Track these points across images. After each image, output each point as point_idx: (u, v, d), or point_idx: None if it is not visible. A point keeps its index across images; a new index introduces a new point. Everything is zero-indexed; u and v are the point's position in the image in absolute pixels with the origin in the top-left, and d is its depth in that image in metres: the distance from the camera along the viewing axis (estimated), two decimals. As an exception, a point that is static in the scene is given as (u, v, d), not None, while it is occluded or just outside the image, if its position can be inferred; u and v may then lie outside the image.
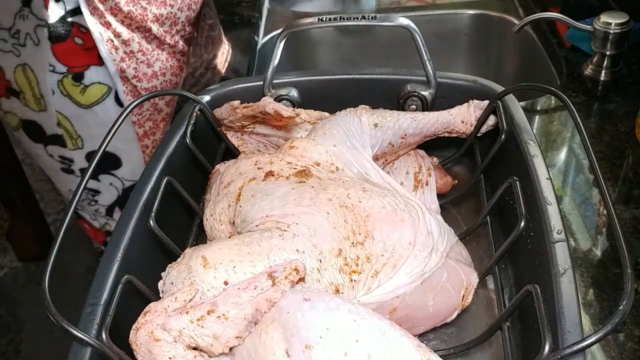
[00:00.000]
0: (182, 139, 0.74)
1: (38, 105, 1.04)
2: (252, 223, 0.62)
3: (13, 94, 1.03)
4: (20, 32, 0.98)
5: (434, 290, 0.61)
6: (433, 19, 1.30)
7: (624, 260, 0.49)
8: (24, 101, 1.03)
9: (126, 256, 0.59)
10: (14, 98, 1.04)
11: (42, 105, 1.04)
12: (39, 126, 1.06)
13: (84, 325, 0.53)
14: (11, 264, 2.18)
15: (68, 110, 1.04)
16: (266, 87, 0.81)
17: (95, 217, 1.23)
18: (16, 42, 0.99)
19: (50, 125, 1.06)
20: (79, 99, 1.03)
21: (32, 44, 0.98)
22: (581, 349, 0.47)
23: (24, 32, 0.98)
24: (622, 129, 0.90)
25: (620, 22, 0.95)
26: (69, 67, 1.01)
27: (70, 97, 1.03)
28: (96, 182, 1.15)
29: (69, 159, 1.10)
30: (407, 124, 0.74)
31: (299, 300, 0.52)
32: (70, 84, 1.02)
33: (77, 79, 1.02)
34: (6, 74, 1.01)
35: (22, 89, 1.02)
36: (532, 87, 0.74)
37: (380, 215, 0.62)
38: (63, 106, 1.03)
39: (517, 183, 0.65)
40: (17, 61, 1.00)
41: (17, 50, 0.99)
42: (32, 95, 1.02)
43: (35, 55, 0.99)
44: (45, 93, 1.02)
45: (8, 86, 1.03)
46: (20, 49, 0.99)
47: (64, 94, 1.02)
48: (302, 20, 0.81)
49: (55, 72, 1.01)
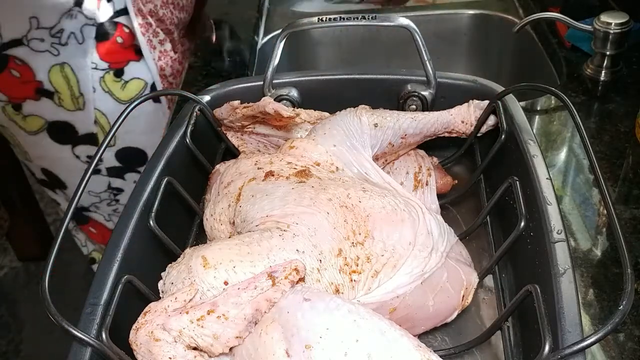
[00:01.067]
0: (182, 139, 0.74)
1: (75, 105, 1.05)
2: (252, 223, 0.62)
3: (44, 95, 1.04)
4: (64, 31, 1.00)
5: (434, 290, 0.61)
6: (433, 19, 1.30)
7: (624, 260, 0.49)
8: (59, 101, 1.05)
9: (126, 256, 0.59)
10: (44, 99, 1.05)
11: (79, 104, 1.06)
12: (70, 126, 1.08)
13: (84, 325, 0.53)
14: (11, 264, 2.18)
15: (107, 107, 1.06)
16: (266, 87, 0.81)
17: (110, 218, 1.23)
18: (56, 41, 1.00)
19: (85, 124, 1.08)
20: (119, 95, 1.06)
21: (76, 42, 1.01)
22: (581, 349, 0.47)
23: (68, 31, 1.00)
24: (622, 129, 0.90)
25: (620, 22, 0.95)
26: (110, 64, 1.04)
27: (111, 93, 1.06)
28: (121, 181, 1.16)
29: None
30: (407, 124, 0.74)
31: (299, 300, 0.52)
32: (111, 80, 1.05)
33: (118, 74, 1.06)
34: (37, 74, 1.02)
35: (58, 89, 1.04)
36: (532, 87, 0.74)
37: (380, 215, 0.62)
38: (102, 103, 1.06)
39: (517, 183, 0.65)
40: (54, 60, 1.02)
41: (56, 50, 1.01)
42: (70, 95, 1.04)
43: (77, 53, 1.02)
44: (86, 91, 1.04)
45: (39, 87, 1.03)
46: (60, 48, 1.01)
47: (105, 90, 1.05)
48: (302, 20, 0.81)
49: (97, 69, 1.04)
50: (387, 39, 1.29)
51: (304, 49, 1.31)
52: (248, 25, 1.25)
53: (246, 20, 1.27)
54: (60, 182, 1.18)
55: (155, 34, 1.07)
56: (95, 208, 1.21)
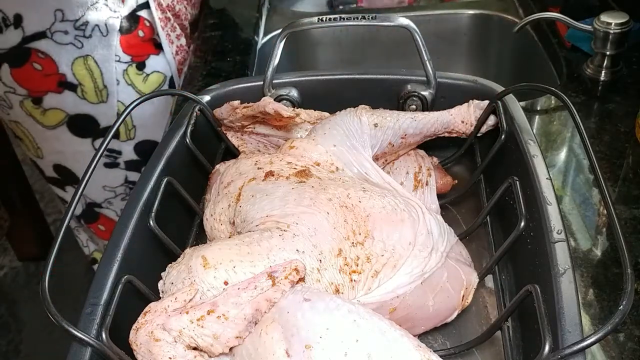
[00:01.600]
0: (182, 139, 0.74)
1: (98, 97, 1.07)
2: (252, 223, 0.62)
3: (67, 87, 1.05)
4: (89, 23, 1.01)
5: (434, 290, 0.61)
6: (433, 19, 1.30)
7: (624, 260, 0.49)
8: (82, 94, 1.06)
9: (126, 256, 0.59)
10: (67, 92, 1.06)
11: (102, 97, 1.07)
12: (92, 119, 1.09)
13: (84, 325, 0.53)
14: (11, 264, 2.18)
15: (129, 99, 1.07)
16: (266, 87, 0.81)
17: None
18: (80, 33, 1.01)
19: (108, 116, 1.09)
20: (141, 88, 1.08)
21: (100, 35, 1.02)
22: (581, 349, 0.47)
23: (93, 24, 1.01)
24: (622, 129, 0.90)
25: (620, 22, 0.95)
26: (132, 56, 1.06)
27: (134, 85, 1.08)
28: (138, 175, 1.17)
29: (117, 151, 1.14)
30: (407, 124, 0.74)
31: (299, 300, 0.52)
32: (134, 73, 1.07)
33: (140, 67, 1.08)
34: (60, 67, 1.03)
35: (82, 81, 1.05)
36: (532, 87, 0.74)
37: (380, 215, 0.62)
38: (126, 95, 1.08)
39: (517, 183, 0.65)
40: (77, 53, 1.03)
41: (80, 42, 1.02)
42: (93, 87, 1.05)
43: (101, 46, 1.03)
44: (109, 83, 1.06)
45: (62, 80, 1.04)
46: (84, 41, 1.02)
47: (128, 82, 1.07)
48: (302, 20, 0.81)
49: (120, 62, 1.05)
50: (387, 39, 1.29)
51: (304, 49, 1.31)
52: (248, 25, 1.25)
53: (246, 20, 1.27)
54: (74, 177, 1.19)
55: (173, 29, 1.10)
56: (109, 204, 1.22)
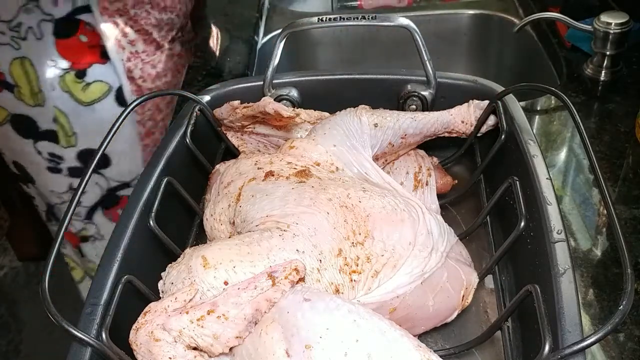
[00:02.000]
0: (182, 139, 0.74)
1: (34, 100, 1.03)
2: (252, 223, 0.62)
3: (6, 87, 1.03)
4: (22, 25, 0.98)
5: (434, 290, 0.61)
6: (433, 19, 1.30)
7: (624, 260, 0.49)
8: (19, 95, 1.03)
9: (126, 256, 0.59)
10: (6, 92, 1.03)
11: (39, 100, 1.03)
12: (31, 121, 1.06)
13: (84, 325, 0.53)
14: (11, 264, 2.18)
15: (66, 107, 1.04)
16: (266, 87, 0.81)
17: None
18: (16, 35, 0.99)
19: (45, 120, 1.05)
20: (79, 96, 1.04)
21: (34, 38, 0.99)
22: (581, 349, 0.47)
23: (26, 25, 0.98)
24: (622, 129, 0.90)
25: (620, 22, 0.95)
26: (72, 63, 1.01)
27: (71, 93, 1.03)
28: None
29: (58, 156, 1.10)
30: (407, 124, 0.74)
31: (299, 300, 0.52)
32: (72, 81, 1.02)
33: (80, 75, 1.03)
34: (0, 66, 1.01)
35: (18, 83, 1.02)
36: (532, 87, 0.74)
37: (380, 215, 0.62)
38: (62, 102, 1.03)
39: (517, 183, 0.65)
40: (14, 54, 1.00)
41: (17, 44, 0.99)
42: (29, 90, 1.02)
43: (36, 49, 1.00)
44: (45, 88, 1.02)
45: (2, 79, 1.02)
46: (21, 42, 0.99)
47: (65, 90, 1.03)
48: (302, 20, 0.81)
49: (56, 67, 1.01)
50: (387, 39, 1.29)
51: (304, 49, 1.31)
52: (248, 25, 1.25)
53: (246, 20, 1.27)
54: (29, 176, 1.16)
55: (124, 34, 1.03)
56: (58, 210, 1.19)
